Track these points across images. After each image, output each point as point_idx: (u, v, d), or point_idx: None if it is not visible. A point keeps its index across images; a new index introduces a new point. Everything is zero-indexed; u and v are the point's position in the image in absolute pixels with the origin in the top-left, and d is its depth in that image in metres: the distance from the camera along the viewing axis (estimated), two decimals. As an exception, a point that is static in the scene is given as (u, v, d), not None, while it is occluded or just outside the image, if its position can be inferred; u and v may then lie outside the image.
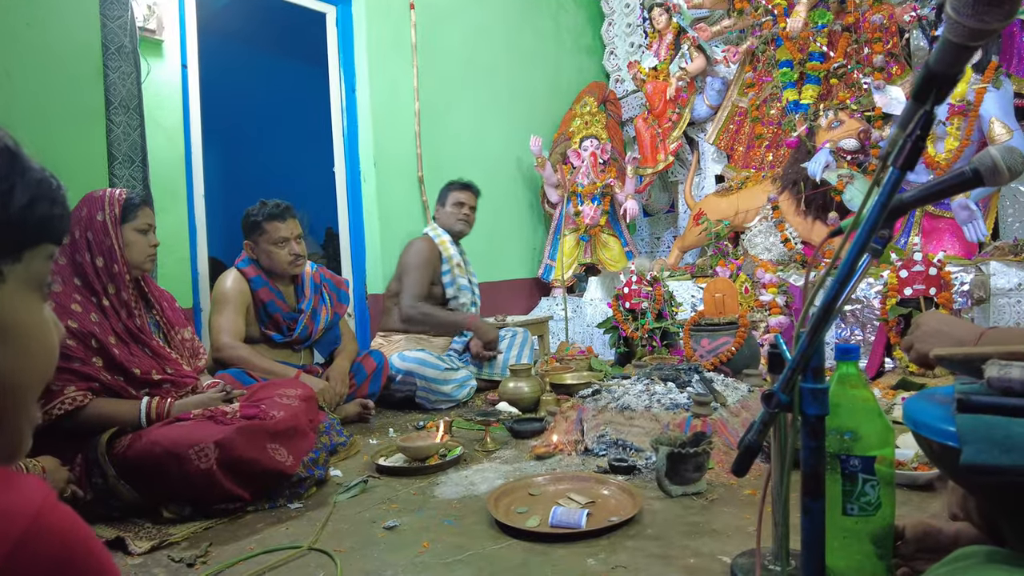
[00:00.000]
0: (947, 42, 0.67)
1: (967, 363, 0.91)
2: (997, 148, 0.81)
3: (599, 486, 1.63)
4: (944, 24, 0.66)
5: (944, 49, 0.67)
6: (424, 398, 2.71)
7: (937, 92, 0.73)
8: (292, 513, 1.63)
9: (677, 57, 4.37)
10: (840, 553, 1.02)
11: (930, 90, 0.73)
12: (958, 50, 0.67)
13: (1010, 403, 0.76)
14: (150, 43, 2.68)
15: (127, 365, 1.74)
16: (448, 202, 3.16)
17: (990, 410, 0.78)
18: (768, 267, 3.13)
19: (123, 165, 2.32)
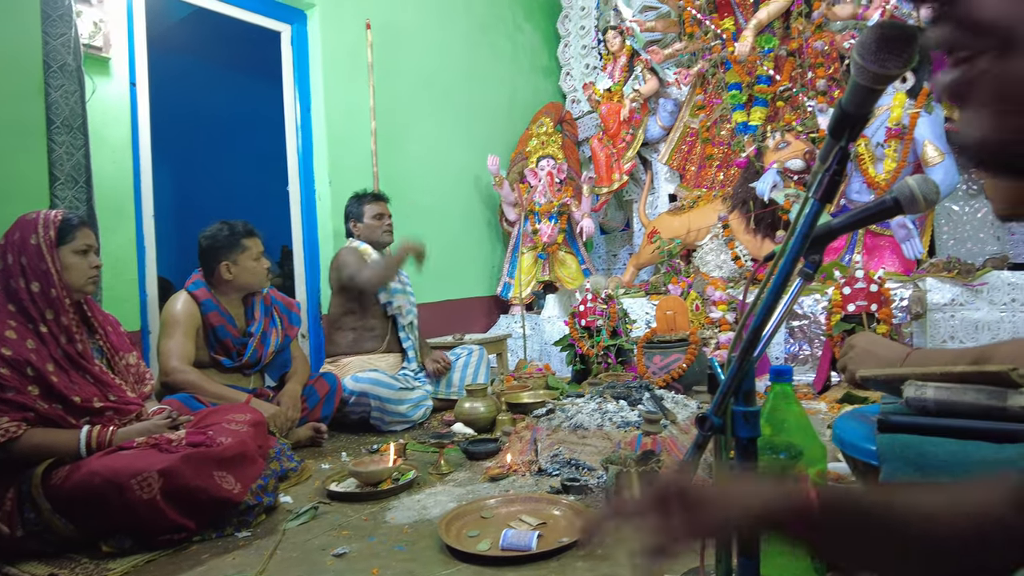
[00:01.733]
0: (855, 84, 0.71)
1: (889, 384, 0.95)
2: (914, 179, 0.86)
3: (551, 507, 1.64)
4: (852, 68, 0.70)
5: (853, 91, 0.72)
6: (379, 419, 2.68)
7: (851, 130, 0.77)
8: (240, 542, 1.60)
9: (631, 79, 4.48)
10: (781, 565, 1.05)
11: (844, 128, 0.77)
12: (865, 92, 0.71)
13: (924, 422, 0.80)
14: (96, 60, 2.63)
15: (66, 393, 1.68)
16: (366, 216, 3.10)
17: (907, 429, 0.82)
18: (718, 285, 3.21)
19: (66, 186, 2.25)
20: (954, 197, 3.41)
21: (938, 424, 0.84)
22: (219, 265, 2.43)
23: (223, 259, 2.44)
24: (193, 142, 5.56)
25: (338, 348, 3.02)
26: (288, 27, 3.59)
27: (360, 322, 3.01)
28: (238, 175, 5.80)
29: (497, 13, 4.87)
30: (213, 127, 5.77)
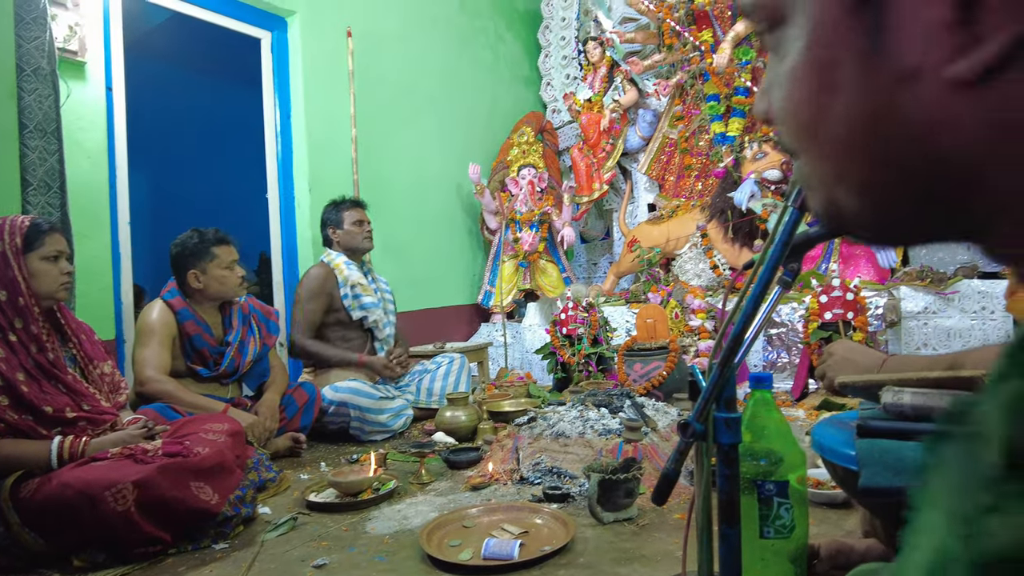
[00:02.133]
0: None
1: (867, 390, 0.97)
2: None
3: (532, 515, 1.64)
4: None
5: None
6: (358, 429, 2.65)
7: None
8: (217, 554, 1.57)
9: (611, 90, 4.52)
10: (762, 574, 1.06)
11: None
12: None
13: (902, 427, 0.82)
14: (72, 65, 2.59)
15: (36, 403, 1.64)
16: (345, 223, 3.07)
17: (886, 434, 0.83)
18: (697, 293, 3.24)
19: (38, 191, 2.21)
20: (926, 208, 3.48)
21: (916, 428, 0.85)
22: (187, 273, 2.40)
23: (191, 267, 2.40)
24: (170, 149, 5.49)
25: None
26: (268, 34, 3.57)
27: (337, 334, 2.99)
28: (216, 182, 5.74)
29: (478, 23, 4.90)
30: (191, 134, 5.71)
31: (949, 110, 0.26)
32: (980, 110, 0.26)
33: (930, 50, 0.26)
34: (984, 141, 0.26)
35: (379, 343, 3.07)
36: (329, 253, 3.08)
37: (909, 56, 0.27)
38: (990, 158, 0.26)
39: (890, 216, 0.31)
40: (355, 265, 3.08)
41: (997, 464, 0.21)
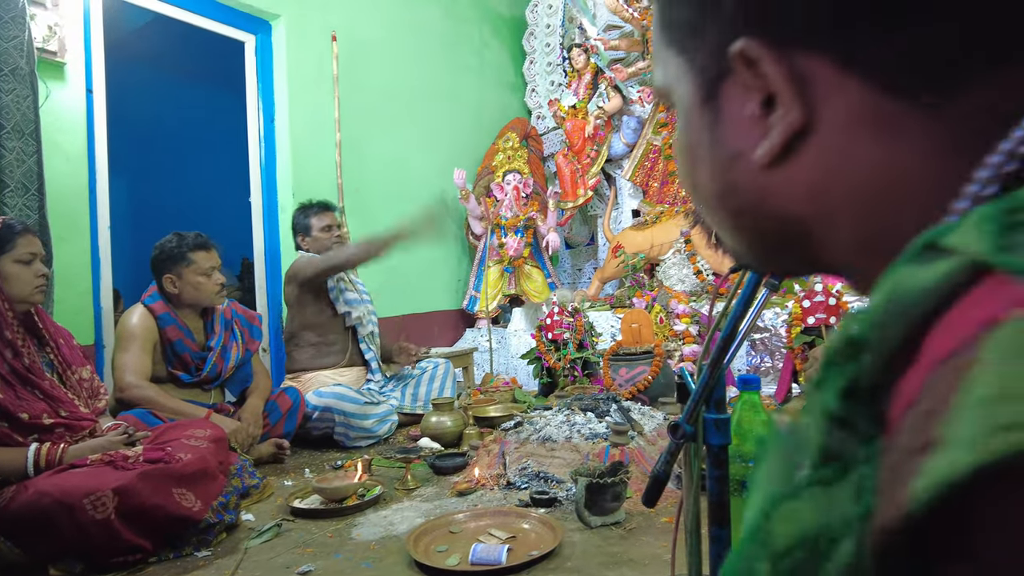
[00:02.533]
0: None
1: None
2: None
3: (520, 520, 1.63)
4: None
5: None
6: (343, 435, 2.63)
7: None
8: (199, 562, 1.54)
9: (595, 96, 4.55)
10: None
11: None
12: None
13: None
14: (51, 65, 2.55)
15: (12, 410, 1.61)
16: (313, 228, 3.02)
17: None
18: (681, 298, 3.26)
19: (16, 193, 2.16)
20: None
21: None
22: (163, 277, 2.36)
23: (167, 272, 2.36)
24: (152, 152, 5.42)
25: (298, 364, 2.95)
26: (252, 37, 3.55)
27: (320, 337, 2.95)
28: (198, 186, 5.68)
29: (463, 29, 4.90)
30: (173, 137, 5.64)
31: (766, 184, 0.33)
32: (785, 183, 0.32)
33: (746, 139, 0.33)
34: (797, 205, 0.33)
35: (363, 342, 3.04)
36: (304, 255, 3.04)
37: (733, 144, 0.34)
38: (810, 215, 0.32)
39: (761, 259, 0.38)
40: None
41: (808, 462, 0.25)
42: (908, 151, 0.29)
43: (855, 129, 0.30)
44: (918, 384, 0.21)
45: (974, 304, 0.21)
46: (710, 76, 0.34)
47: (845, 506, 0.22)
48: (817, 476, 0.24)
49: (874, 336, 0.24)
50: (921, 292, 0.23)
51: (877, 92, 0.29)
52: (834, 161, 0.31)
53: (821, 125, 0.31)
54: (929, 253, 0.24)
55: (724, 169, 0.35)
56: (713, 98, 0.35)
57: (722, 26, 0.33)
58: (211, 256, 2.43)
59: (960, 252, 0.22)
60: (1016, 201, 0.23)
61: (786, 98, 0.31)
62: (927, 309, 0.22)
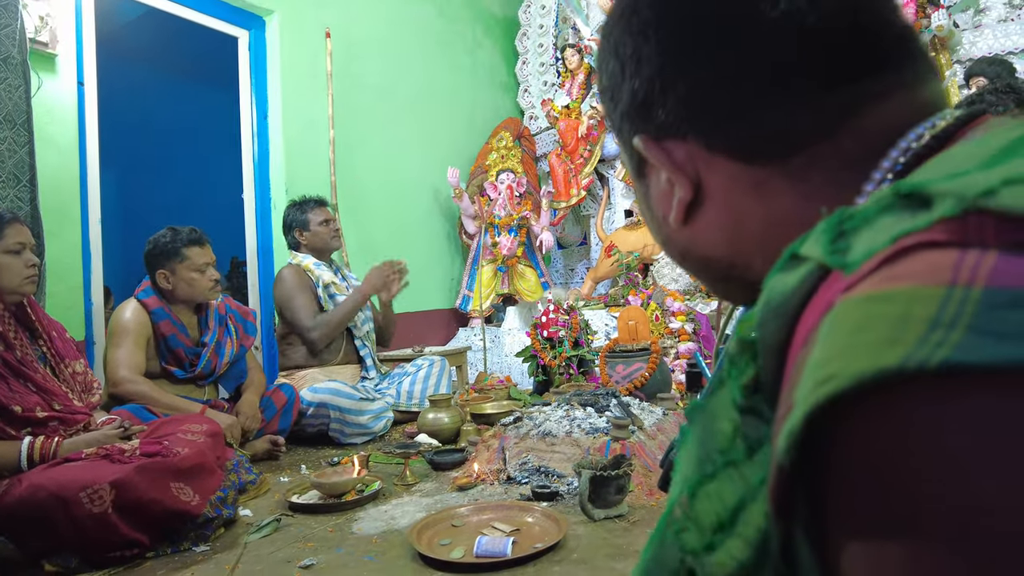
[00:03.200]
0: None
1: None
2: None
3: (523, 514, 1.62)
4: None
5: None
6: (338, 431, 2.60)
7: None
8: (198, 557, 1.52)
9: (588, 96, 4.56)
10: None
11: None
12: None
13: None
14: (42, 56, 2.51)
15: (5, 402, 1.58)
16: (312, 223, 3.01)
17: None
18: (677, 296, 3.27)
19: (7, 184, 2.12)
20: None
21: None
22: (156, 273, 2.33)
23: (160, 267, 2.33)
24: (143, 147, 5.37)
25: (292, 361, 2.93)
26: (246, 32, 3.52)
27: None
28: (190, 183, 5.62)
29: (456, 29, 4.90)
30: (165, 133, 5.58)
31: (686, 238, 0.42)
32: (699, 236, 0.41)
33: (663, 207, 0.42)
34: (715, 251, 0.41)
35: (358, 340, 3.02)
36: (296, 255, 3.02)
37: (657, 210, 0.43)
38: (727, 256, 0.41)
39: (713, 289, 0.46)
40: (324, 265, 3.03)
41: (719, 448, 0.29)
42: (781, 201, 0.37)
43: (736, 193, 0.38)
44: (791, 369, 0.26)
45: (820, 297, 0.26)
46: (635, 161, 0.43)
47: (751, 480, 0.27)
48: (729, 458, 0.28)
49: (760, 335, 0.28)
50: (787, 293, 0.27)
51: (741, 163, 0.38)
52: (729, 218, 0.39)
53: (710, 194, 0.39)
54: (792, 262, 0.29)
55: (659, 227, 0.45)
56: (641, 176, 0.44)
57: (628, 123, 0.42)
58: (205, 252, 2.40)
59: (809, 258, 0.28)
60: (845, 213, 0.28)
61: (675, 177, 0.40)
62: (793, 307, 0.27)
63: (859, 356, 0.22)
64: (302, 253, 3.03)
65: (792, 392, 0.24)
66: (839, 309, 0.24)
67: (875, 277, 0.24)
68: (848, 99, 0.35)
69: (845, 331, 0.23)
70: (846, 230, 0.27)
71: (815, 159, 0.36)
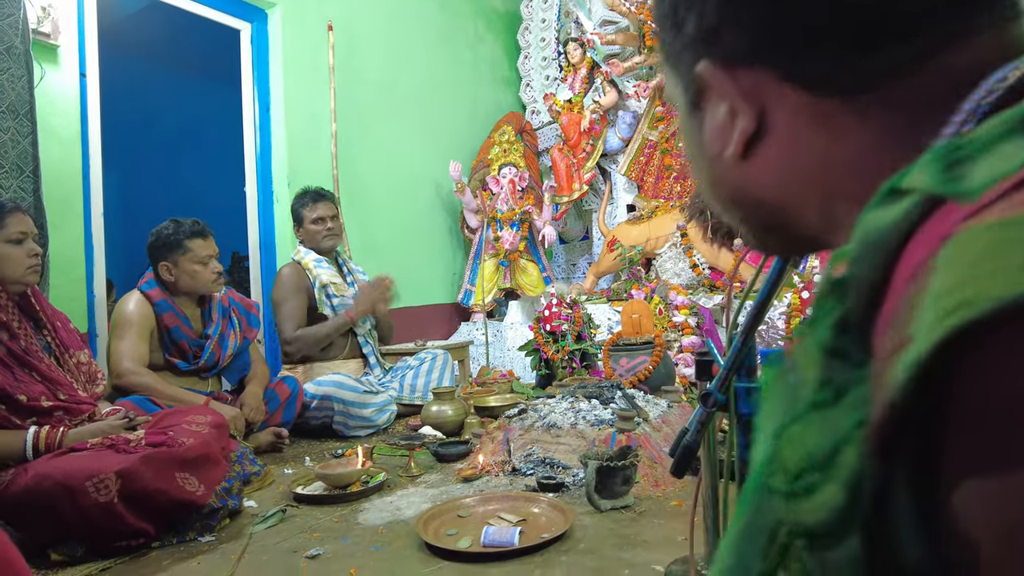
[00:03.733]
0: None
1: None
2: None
3: (529, 504, 1.62)
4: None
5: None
6: (342, 424, 2.60)
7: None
8: (204, 547, 1.51)
9: (591, 91, 4.54)
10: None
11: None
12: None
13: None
14: (44, 47, 2.50)
15: (10, 392, 1.57)
16: (305, 220, 2.97)
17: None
18: (680, 290, 3.27)
19: (10, 174, 2.12)
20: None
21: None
22: (159, 265, 2.32)
23: (163, 259, 2.32)
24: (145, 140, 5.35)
25: (296, 356, 2.93)
26: (248, 25, 3.51)
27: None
28: (192, 176, 5.61)
29: (458, 23, 4.88)
30: (166, 125, 5.57)
31: (740, 177, 0.40)
32: (755, 174, 0.39)
33: (720, 142, 0.40)
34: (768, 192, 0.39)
35: (360, 338, 3.02)
36: (299, 250, 3.01)
37: (712, 146, 0.41)
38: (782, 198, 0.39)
39: (755, 238, 0.45)
40: (326, 262, 3.00)
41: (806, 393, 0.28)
42: (849, 139, 0.35)
43: (801, 128, 0.36)
44: (892, 305, 0.25)
45: (930, 229, 0.25)
46: (692, 91, 0.41)
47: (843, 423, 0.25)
48: (815, 400, 0.27)
49: (854, 274, 0.27)
50: (888, 228, 0.26)
51: (812, 96, 0.36)
52: (789, 155, 0.37)
53: (773, 127, 0.37)
54: (891, 196, 0.27)
55: (710, 166, 0.42)
56: (697, 109, 0.42)
57: (691, 51, 0.40)
58: (208, 244, 2.39)
59: (915, 190, 0.26)
60: (957, 142, 0.27)
61: (739, 108, 0.38)
62: (894, 242, 0.26)
63: (996, 281, 0.21)
64: (305, 248, 3.01)
65: (904, 327, 0.23)
66: (963, 237, 0.23)
67: (1004, 203, 0.23)
68: (935, 36, 0.33)
69: (975, 258, 0.22)
70: (960, 158, 0.26)
71: (892, 97, 0.34)
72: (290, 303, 2.85)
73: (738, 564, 0.30)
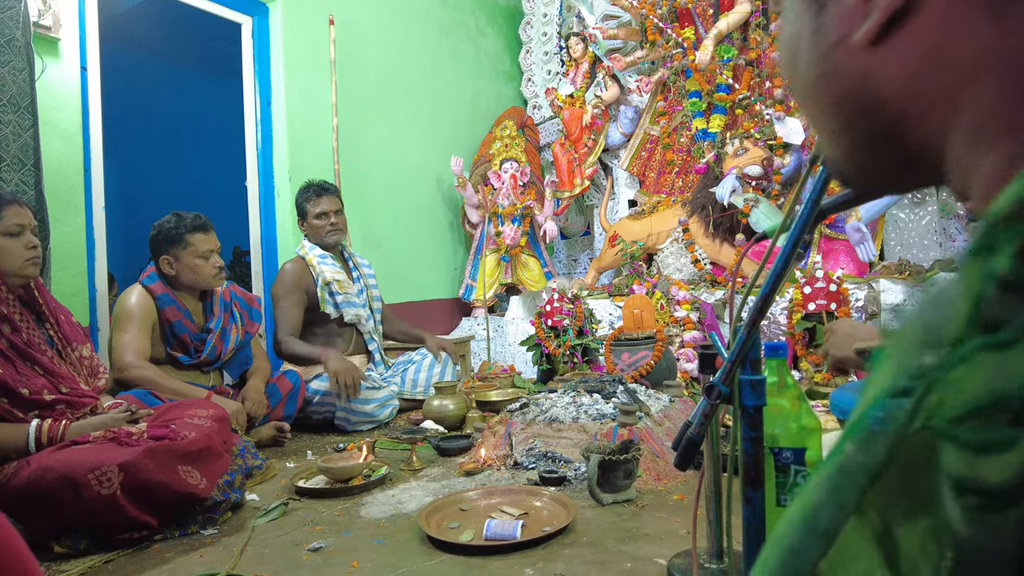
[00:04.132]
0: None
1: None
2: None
3: (531, 498, 1.62)
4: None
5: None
6: (344, 419, 2.60)
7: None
8: (206, 539, 1.52)
9: (593, 85, 4.53)
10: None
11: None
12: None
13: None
14: (45, 40, 2.49)
15: (12, 385, 1.57)
16: (309, 215, 2.92)
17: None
18: (682, 285, 3.26)
19: (12, 168, 2.11)
20: (900, 205, 3.57)
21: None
22: (160, 258, 2.32)
23: (164, 253, 2.32)
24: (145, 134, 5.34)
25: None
26: (249, 19, 3.50)
27: (322, 328, 2.92)
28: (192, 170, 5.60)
29: (459, 17, 4.87)
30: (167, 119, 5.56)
31: (866, 65, 0.33)
32: (885, 64, 0.32)
33: (849, 23, 0.33)
34: (898, 86, 0.32)
35: (366, 335, 3.01)
36: (304, 245, 2.97)
37: (836, 28, 0.34)
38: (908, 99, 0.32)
39: (849, 154, 0.38)
40: (331, 257, 2.95)
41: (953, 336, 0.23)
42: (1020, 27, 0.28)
43: (960, 6, 0.29)
44: None
45: None
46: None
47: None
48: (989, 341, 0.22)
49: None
50: None
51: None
52: (938, 41, 0.30)
53: (925, 4, 0.30)
54: None
55: (826, 54, 0.35)
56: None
57: None
58: (209, 238, 2.39)
59: None
60: None
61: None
62: None
63: None
64: (310, 243, 2.98)
65: None
66: None
67: None
68: None
69: None
70: None
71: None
72: (285, 303, 2.80)
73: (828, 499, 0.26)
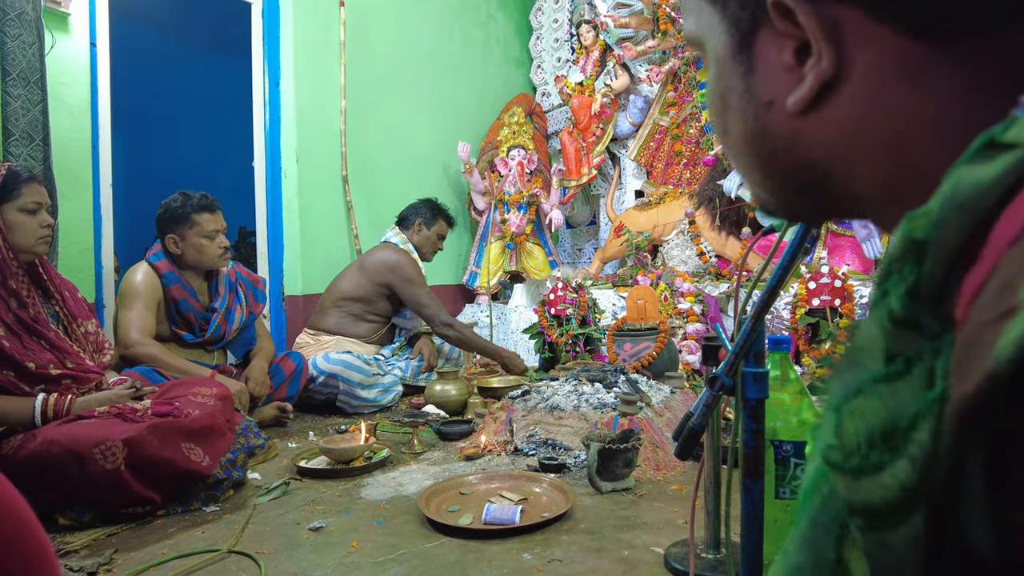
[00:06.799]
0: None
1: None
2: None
3: (531, 484, 1.63)
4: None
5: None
6: (345, 402, 2.62)
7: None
8: (208, 516, 1.53)
9: (603, 74, 4.50)
10: (771, 537, 1.07)
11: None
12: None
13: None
14: (55, 15, 2.48)
15: (19, 359, 1.58)
16: (434, 229, 3.16)
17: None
18: (686, 277, 3.26)
19: (20, 142, 2.11)
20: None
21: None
22: (166, 237, 2.32)
23: (170, 231, 2.32)
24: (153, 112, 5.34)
25: (325, 324, 2.91)
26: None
27: (366, 308, 2.94)
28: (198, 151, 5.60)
29: (470, 2, 4.83)
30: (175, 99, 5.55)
31: (796, 130, 0.35)
32: (816, 128, 0.34)
33: (779, 87, 0.34)
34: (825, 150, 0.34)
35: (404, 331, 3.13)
36: (402, 238, 3.14)
37: (766, 92, 0.35)
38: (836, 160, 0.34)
39: (783, 203, 0.40)
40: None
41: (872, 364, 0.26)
42: (941, 95, 0.30)
43: (887, 77, 0.31)
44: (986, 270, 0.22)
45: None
46: (744, 27, 0.36)
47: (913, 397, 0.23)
48: (881, 373, 0.25)
49: (936, 235, 0.24)
50: (984, 187, 0.23)
51: (909, 40, 0.30)
52: (865, 108, 0.32)
53: (853, 73, 0.32)
54: (988, 151, 0.24)
55: (756, 116, 0.36)
56: (747, 48, 0.36)
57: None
58: (216, 218, 2.38)
59: (1019, 144, 0.23)
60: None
61: (818, 47, 0.32)
62: (990, 202, 0.23)
63: None
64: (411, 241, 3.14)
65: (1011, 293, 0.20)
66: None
67: None
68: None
69: None
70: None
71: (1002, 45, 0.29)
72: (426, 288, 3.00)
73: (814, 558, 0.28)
